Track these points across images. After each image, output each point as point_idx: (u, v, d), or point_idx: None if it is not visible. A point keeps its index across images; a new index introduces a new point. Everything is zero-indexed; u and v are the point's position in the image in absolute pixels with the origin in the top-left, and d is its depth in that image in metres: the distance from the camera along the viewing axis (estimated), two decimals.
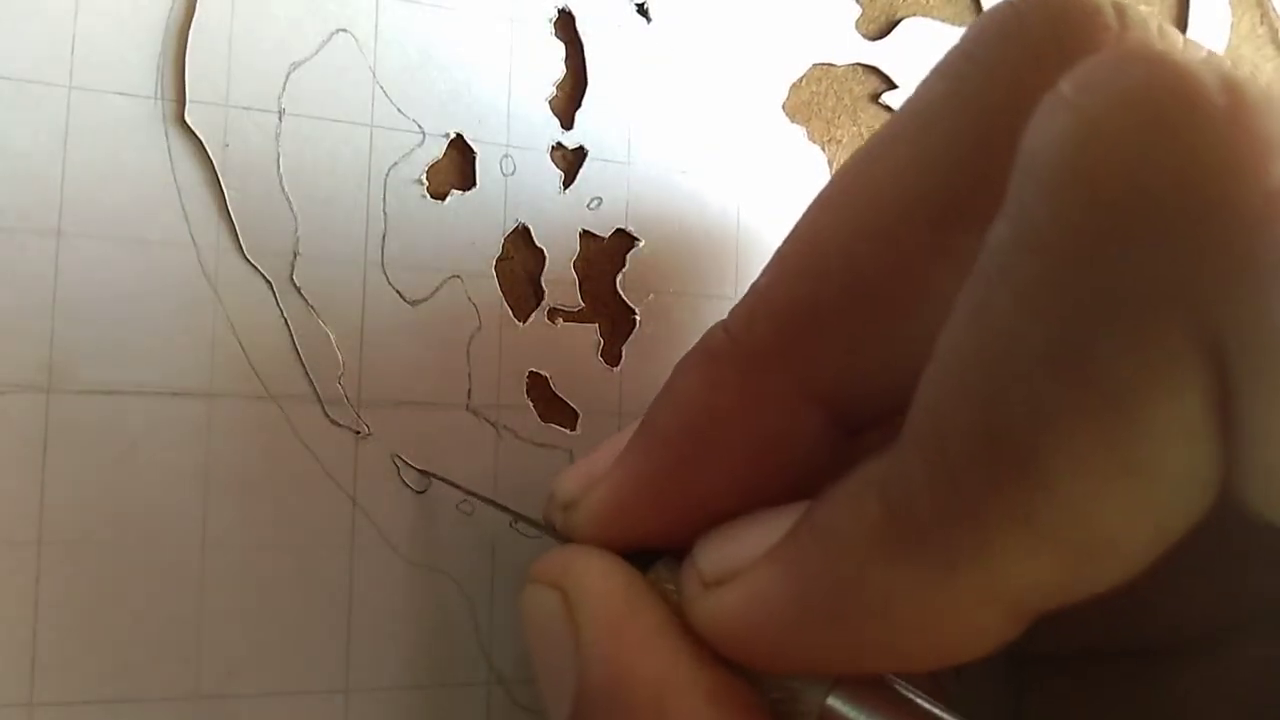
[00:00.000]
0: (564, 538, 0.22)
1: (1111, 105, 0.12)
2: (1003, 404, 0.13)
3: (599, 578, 0.19)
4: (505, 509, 0.26)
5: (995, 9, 0.16)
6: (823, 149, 0.33)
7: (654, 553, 0.20)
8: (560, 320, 0.29)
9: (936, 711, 0.18)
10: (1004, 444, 0.13)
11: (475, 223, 0.28)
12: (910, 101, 0.18)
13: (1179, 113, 0.12)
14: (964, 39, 0.17)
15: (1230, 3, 0.40)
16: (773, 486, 0.19)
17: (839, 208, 0.19)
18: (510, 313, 0.28)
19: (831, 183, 0.19)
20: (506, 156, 0.28)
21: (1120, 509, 0.13)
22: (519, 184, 0.29)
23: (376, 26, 0.27)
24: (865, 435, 0.20)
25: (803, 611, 0.16)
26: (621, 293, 0.30)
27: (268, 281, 0.26)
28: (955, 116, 0.16)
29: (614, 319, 0.30)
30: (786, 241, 0.20)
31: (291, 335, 0.26)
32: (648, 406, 0.22)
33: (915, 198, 0.17)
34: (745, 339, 0.20)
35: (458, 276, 0.28)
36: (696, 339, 0.31)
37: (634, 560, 0.20)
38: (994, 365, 0.13)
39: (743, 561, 0.18)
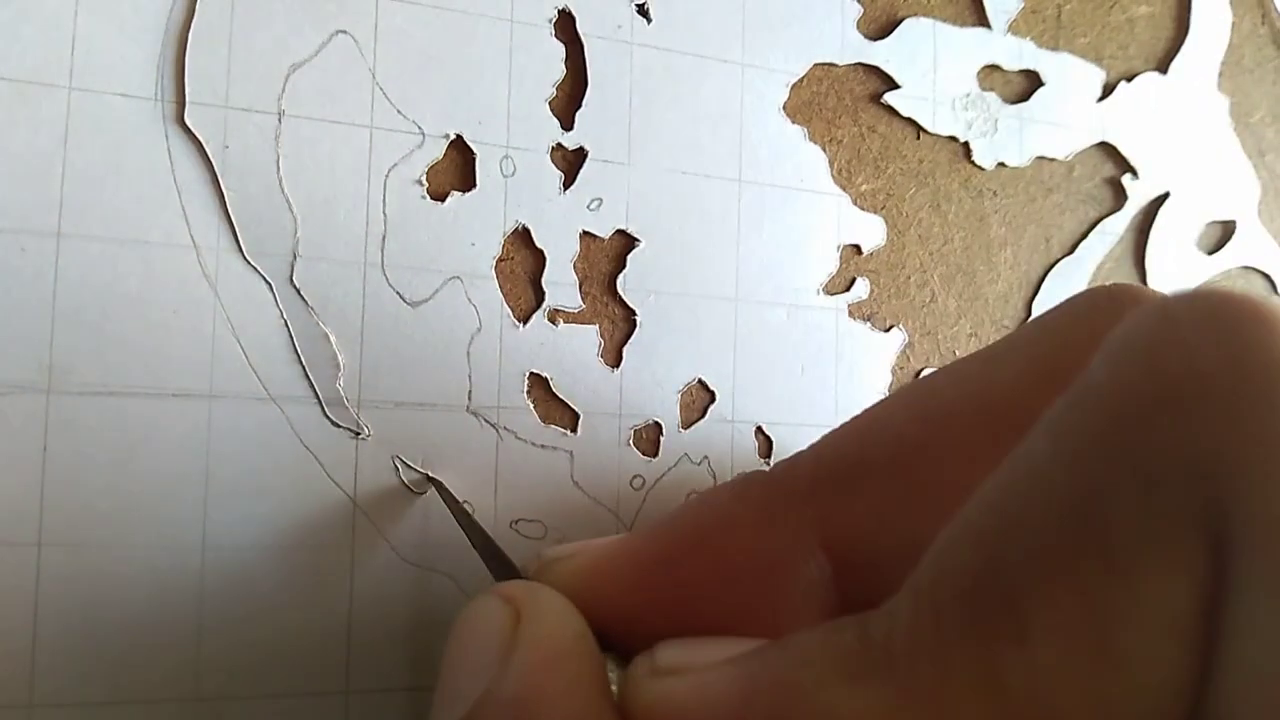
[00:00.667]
0: (517, 574, 0.22)
1: (1184, 304, 0.13)
2: (1004, 546, 0.13)
3: (559, 614, 0.19)
4: (482, 543, 0.25)
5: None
6: (823, 149, 0.33)
7: (605, 644, 0.20)
8: (561, 321, 0.29)
9: None
10: (994, 588, 0.13)
11: (475, 224, 0.28)
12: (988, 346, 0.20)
13: (1243, 314, 0.13)
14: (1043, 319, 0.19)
15: (1231, 3, 0.40)
16: (754, 616, 0.20)
17: (902, 395, 0.20)
18: (510, 314, 0.28)
19: (904, 385, 0.21)
20: (506, 157, 0.28)
21: (1082, 692, 0.13)
22: (519, 185, 0.29)
23: (376, 28, 0.27)
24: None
25: (746, 711, 0.16)
26: (622, 293, 0.30)
27: (268, 282, 0.26)
28: (1027, 348, 0.18)
29: (614, 320, 0.30)
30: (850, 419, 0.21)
31: (291, 336, 0.26)
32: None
33: (972, 401, 0.18)
34: (783, 474, 0.20)
35: (458, 277, 0.28)
36: (697, 340, 0.31)
37: None
38: (1009, 506, 0.14)
39: (700, 661, 0.18)
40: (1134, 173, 0.38)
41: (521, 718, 0.17)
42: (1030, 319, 0.19)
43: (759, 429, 0.31)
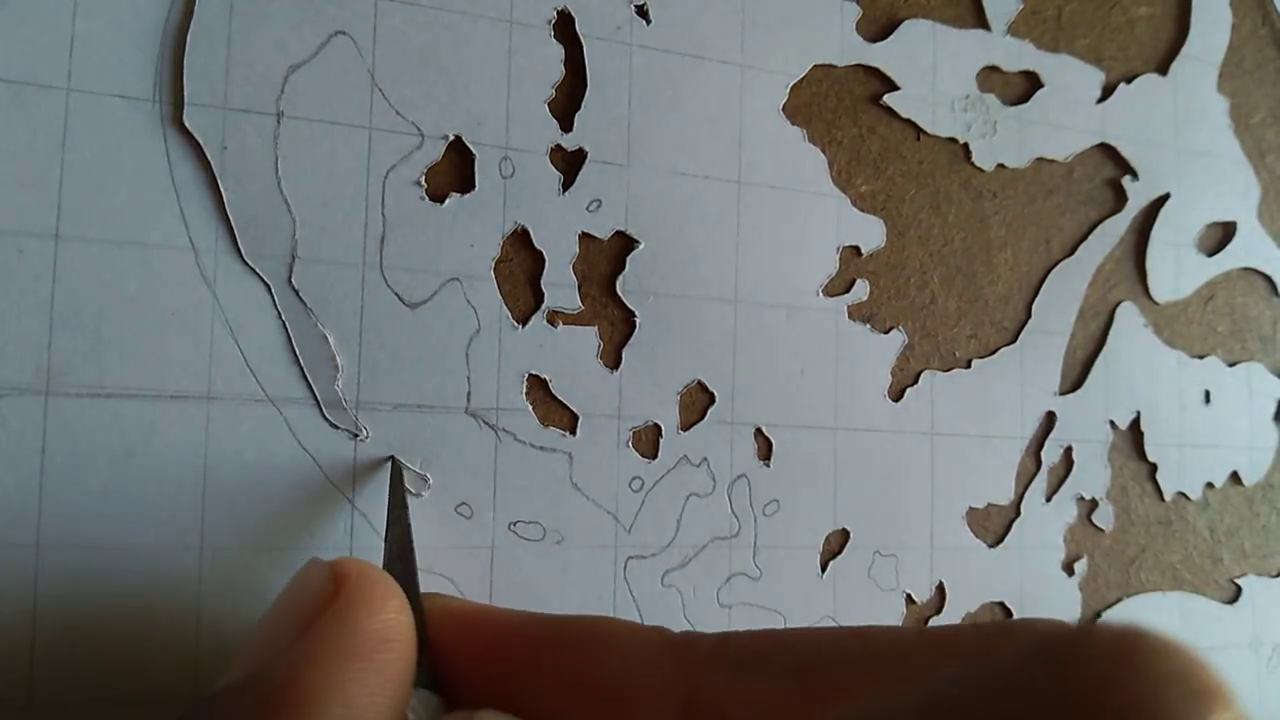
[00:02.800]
0: (410, 582, 0.22)
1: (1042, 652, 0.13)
2: None
3: (382, 610, 0.19)
4: (398, 539, 0.25)
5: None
6: (823, 150, 0.33)
7: (435, 683, 0.20)
8: (560, 322, 0.29)
9: None
10: None
11: (474, 225, 0.28)
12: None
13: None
14: None
15: (1231, 5, 0.40)
16: None
17: (840, 629, 0.21)
18: (509, 315, 0.28)
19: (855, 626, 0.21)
20: (505, 159, 0.28)
21: None
22: (518, 186, 0.29)
23: (375, 29, 0.27)
24: None
25: None
26: (621, 295, 0.30)
27: (266, 284, 0.26)
28: (957, 631, 0.18)
29: (614, 321, 0.30)
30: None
31: (290, 338, 0.26)
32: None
33: (882, 648, 0.18)
34: (689, 638, 0.21)
35: (457, 279, 0.28)
36: (696, 341, 0.31)
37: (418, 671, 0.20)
38: None
39: None
40: (1134, 174, 0.37)
41: (276, 707, 0.17)
42: (989, 623, 0.20)
43: (758, 430, 0.31)
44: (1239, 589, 0.39)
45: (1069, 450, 0.36)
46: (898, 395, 0.33)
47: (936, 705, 0.13)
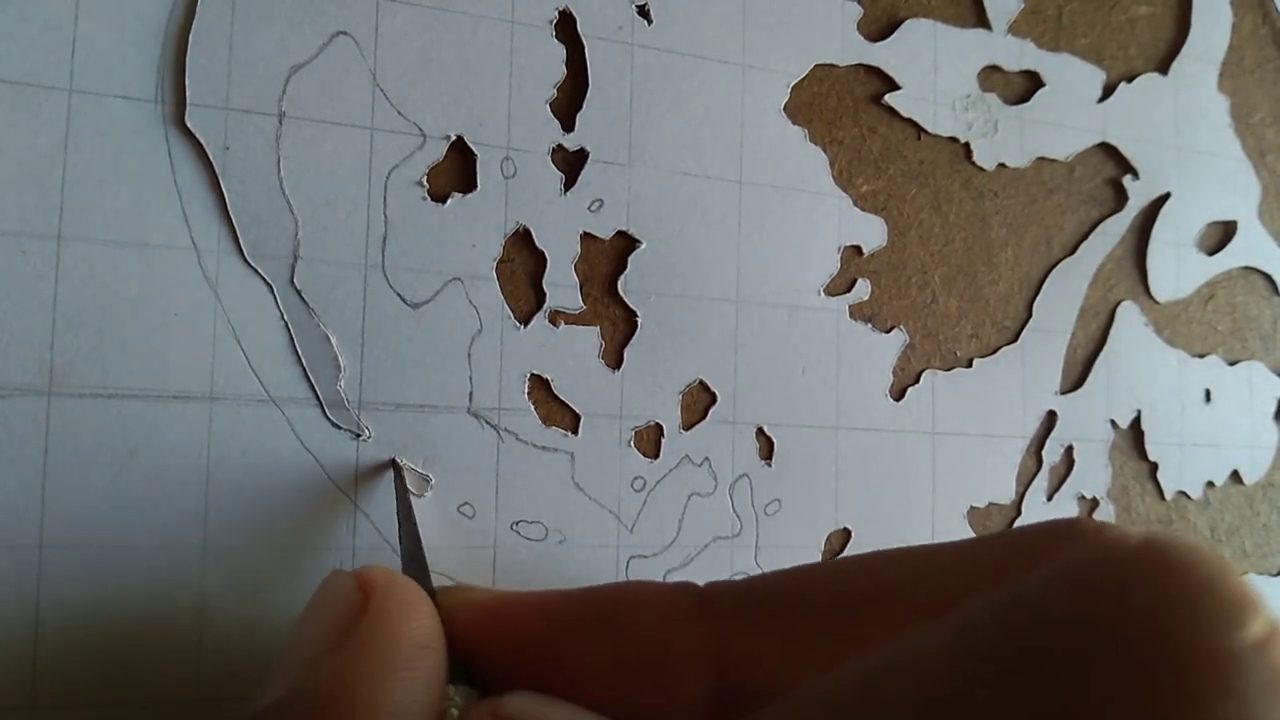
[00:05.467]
0: (424, 580, 0.22)
1: (1120, 555, 0.13)
2: (856, 710, 0.13)
3: (410, 617, 0.19)
4: (409, 541, 0.25)
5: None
6: (824, 150, 0.33)
7: (467, 675, 0.20)
8: (562, 322, 0.29)
9: None
10: None
11: (476, 225, 0.28)
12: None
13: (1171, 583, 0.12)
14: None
15: (1232, 4, 0.40)
16: (624, 704, 0.20)
17: (857, 558, 0.21)
18: (511, 315, 0.28)
19: (867, 552, 0.21)
20: (507, 159, 0.28)
21: None
22: (520, 186, 0.29)
23: (377, 29, 0.27)
24: None
25: None
26: (623, 294, 0.30)
27: (268, 284, 0.26)
28: (985, 555, 0.18)
29: (615, 321, 0.30)
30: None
31: (292, 338, 0.26)
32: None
33: (915, 585, 0.19)
34: (712, 591, 0.21)
35: (458, 279, 0.28)
36: (698, 341, 0.31)
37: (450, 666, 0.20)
38: (877, 684, 0.13)
39: (542, 718, 0.18)
40: (1134, 173, 0.38)
41: (325, 718, 0.17)
42: (1006, 529, 0.20)
43: (760, 430, 0.31)
44: None
45: (1070, 449, 0.36)
46: (899, 394, 0.33)
47: (961, 642, 0.13)
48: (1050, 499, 0.35)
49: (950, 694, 0.12)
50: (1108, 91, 0.37)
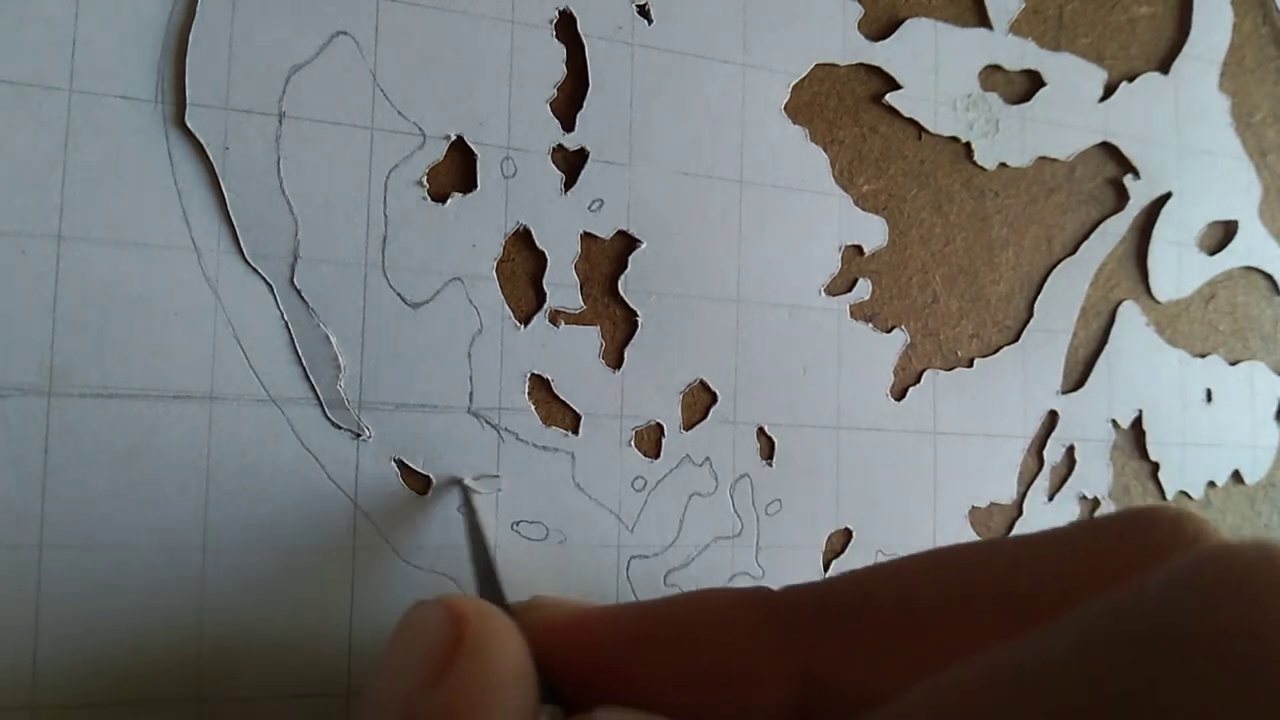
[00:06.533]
0: (500, 601, 0.22)
1: (1256, 558, 0.13)
2: (984, 718, 0.13)
3: (503, 648, 0.19)
4: (482, 561, 0.25)
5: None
6: (825, 149, 0.33)
7: (552, 694, 0.20)
8: (562, 322, 0.29)
9: None
10: None
11: (476, 225, 0.28)
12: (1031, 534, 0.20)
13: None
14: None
15: (1232, 4, 0.40)
16: (703, 711, 0.20)
17: (927, 556, 0.20)
18: (511, 315, 0.28)
19: (933, 549, 0.21)
20: (507, 158, 0.28)
21: None
22: (520, 186, 0.29)
23: (377, 29, 0.27)
24: None
25: None
26: (623, 294, 0.30)
27: (268, 284, 0.26)
28: (1067, 547, 0.18)
29: (616, 321, 0.30)
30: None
31: (292, 338, 0.26)
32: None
33: (996, 582, 0.18)
34: (788, 595, 0.20)
35: (459, 279, 0.28)
36: (699, 341, 0.31)
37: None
38: (998, 693, 0.13)
39: None
40: (1135, 173, 0.37)
41: None
42: (1081, 520, 0.20)
43: (761, 430, 0.31)
44: None
45: (1071, 449, 0.36)
46: (900, 394, 0.33)
47: (1085, 651, 0.12)
48: (1051, 499, 0.35)
49: (1083, 705, 0.12)
50: (1109, 91, 0.37)
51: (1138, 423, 0.37)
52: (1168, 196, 0.38)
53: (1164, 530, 0.17)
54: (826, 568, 0.32)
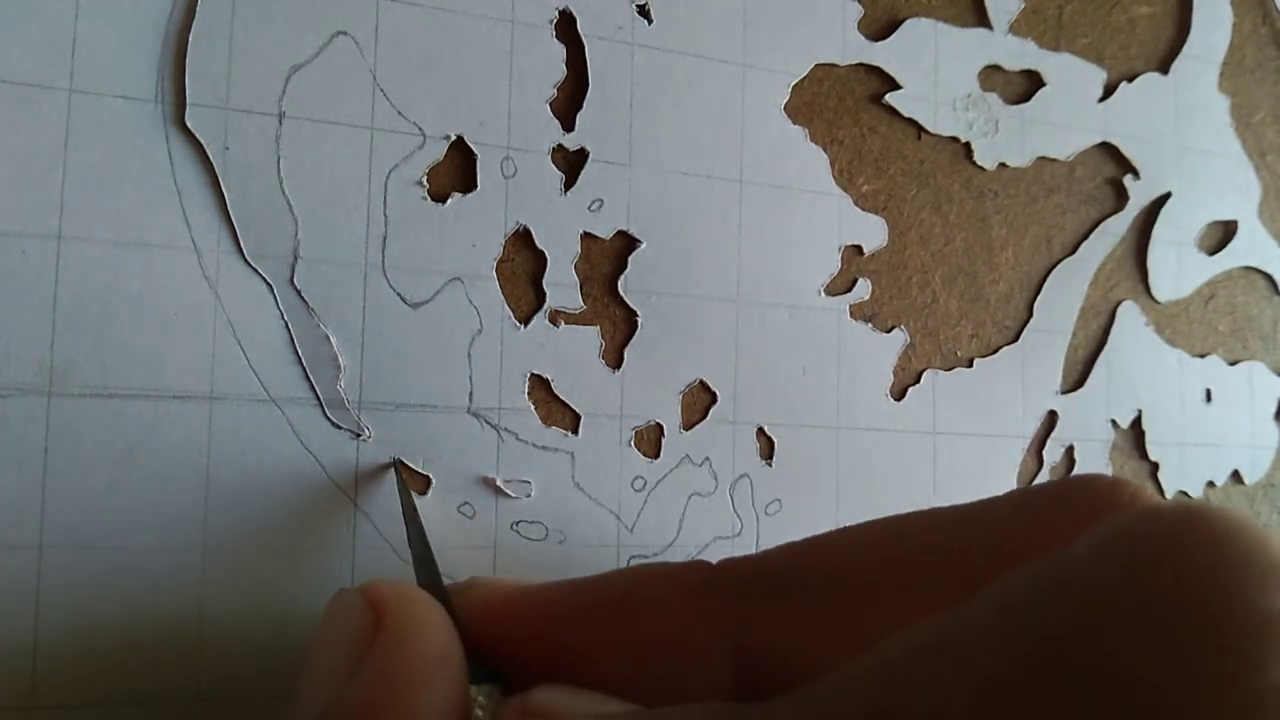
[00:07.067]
0: (437, 582, 0.22)
1: (1181, 522, 0.13)
2: (908, 696, 0.13)
3: (424, 630, 0.19)
4: (418, 542, 0.25)
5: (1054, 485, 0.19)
6: (824, 149, 0.33)
7: (490, 673, 0.20)
8: (562, 322, 0.29)
9: None
10: None
11: (476, 225, 0.28)
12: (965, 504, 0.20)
13: (1236, 551, 0.12)
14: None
15: (1232, 4, 0.40)
16: (645, 689, 0.20)
17: (866, 526, 0.20)
18: (511, 315, 0.28)
19: (872, 520, 0.21)
20: (507, 158, 0.28)
21: None
22: (520, 186, 0.29)
23: (377, 29, 0.27)
24: None
25: None
26: (623, 294, 0.30)
27: (268, 284, 0.26)
28: (1005, 514, 0.18)
29: (615, 321, 0.30)
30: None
31: (292, 338, 0.26)
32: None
33: (934, 550, 0.18)
34: (725, 568, 0.20)
35: (458, 279, 0.28)
36: (698, 341, 0.31)
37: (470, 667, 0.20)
38: (929, 661, 0.13)
39: (570, 711, 0.18)
40: (1135, 173, 0.37)
41: None
42: (1018, 488, 0.19)
43: (760, 430, 0.31)
44: None
45: (1070, 449, 0.36)
46: (900, 394, 0.33)
47: (1010, 619, 0.12)
48: None
49: (1004, 672, 0.12)
50: (1108, 91, 0.37)
51: (1137, 423, 0.37)
52: (1167, 196, 0.38)
53: (1100, 496, 0.17)
54: None
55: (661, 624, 0.20)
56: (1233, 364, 0.39)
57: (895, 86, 0.34)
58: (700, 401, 0.31)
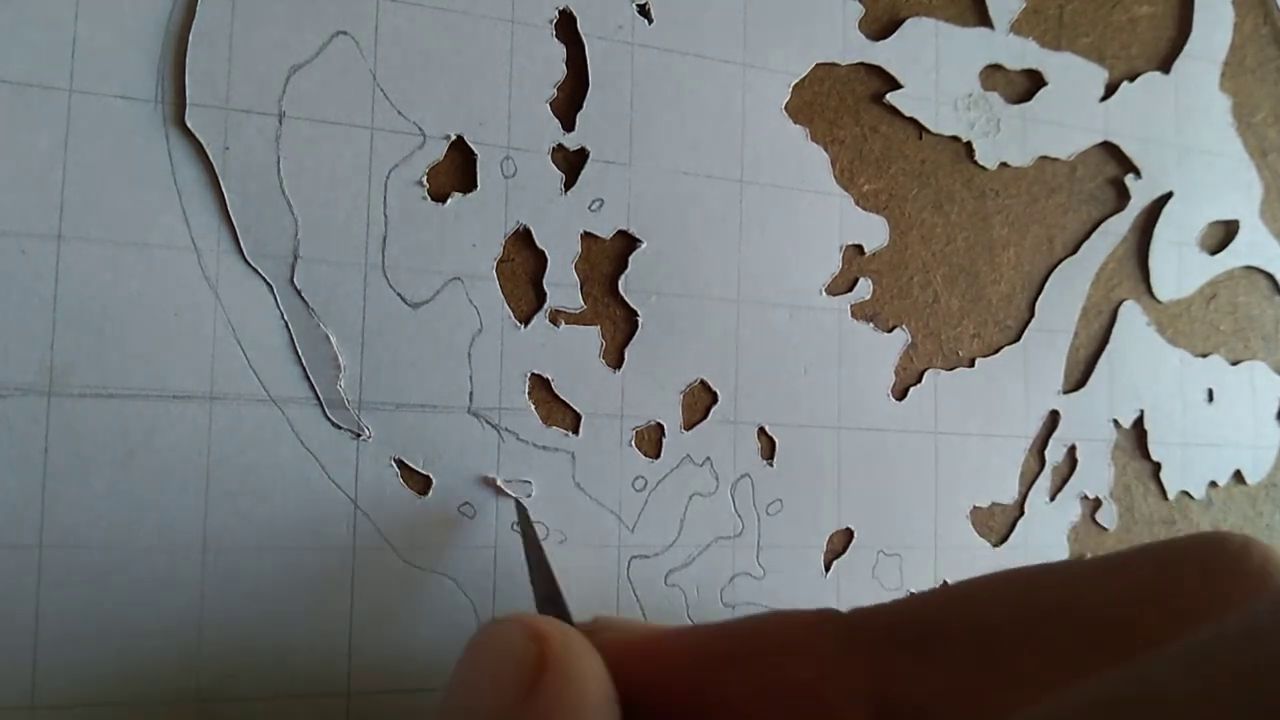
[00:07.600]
0: (566, 621, 0.22)
1: None
2: None
3: (589, 672, 0.19)
4: (542, 579, 0.25)
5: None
6: (825, 149, 0.33)
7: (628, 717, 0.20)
8: (562, 322, 0.29)
9: None
10: None
11: (476, 224, 0.28)
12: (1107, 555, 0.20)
13: None
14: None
15: (1233, 3, 0.40)
16: None
17: (998, 578, 0.20)
18: (512, 315, 0.28)
19: (1003, 570, 0.21)
20: (507, 158, 0.28)
21: None
22: (520, 185, 0.29)
23: (377, 29, 0.27)
24: None
25: None
26: (623, 294, 0.30)
27: (268, 284, 0.26)
28: (1137, 570, 0.18)
29: (616, 320, 0.30)
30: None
31: (292, 337, 0.26)
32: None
33: (1069, 605, 0.18)
34: (861, 620, 0.20)
35: (459, 278, 0.28)
36: (699, 340, 0.31)
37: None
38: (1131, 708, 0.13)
39: None
40: (1137, 173, 0.37)
41: None
42: (1146, 544, 0.20)
43: (761, 430, 0.31)
44: None
45: (1072, 449, 0.36)
46: (901, 394, 0.33)
47: (1203, 678, 0.12)
48: (1053, 499, 0.35)
49: None
50: (1110, 91, 0.37)
51: (1139, 422, 0.37)
52: (1169, 196, 0.38)
53: (1230, 556, 0.17)
54: (827, 568, 0.32)
55: (800, 675, 0.20)
56: (1234, 364, 0.39)
57: (896, 86, 0.34)
58: (701, 401, 0.31)
